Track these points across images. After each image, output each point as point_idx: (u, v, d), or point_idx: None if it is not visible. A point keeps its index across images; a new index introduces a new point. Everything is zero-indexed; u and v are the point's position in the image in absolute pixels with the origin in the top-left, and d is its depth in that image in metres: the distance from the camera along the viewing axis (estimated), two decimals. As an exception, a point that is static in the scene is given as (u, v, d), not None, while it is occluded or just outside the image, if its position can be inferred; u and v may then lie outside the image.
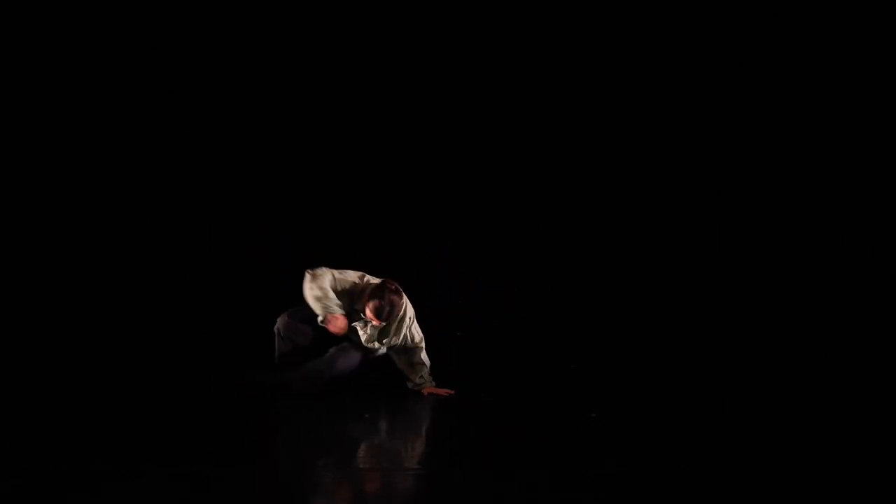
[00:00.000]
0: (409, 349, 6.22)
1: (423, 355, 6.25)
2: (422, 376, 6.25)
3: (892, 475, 4.38)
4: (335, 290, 6.16)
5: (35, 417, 5.43)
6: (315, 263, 6.23)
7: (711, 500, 4.07)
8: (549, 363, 7.13)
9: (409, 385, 6.28)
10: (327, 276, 6.18)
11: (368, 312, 5.98)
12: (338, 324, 6.08)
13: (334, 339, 6.18)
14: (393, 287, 6.03)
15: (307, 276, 6.19)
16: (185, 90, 8.25)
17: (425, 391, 6.18)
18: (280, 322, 6.30)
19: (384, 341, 6.15)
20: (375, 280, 6.14)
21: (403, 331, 6.15)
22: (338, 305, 6.11)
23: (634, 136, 8.49)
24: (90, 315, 8.10)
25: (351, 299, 6.15)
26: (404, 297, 6.10)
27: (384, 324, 6.03)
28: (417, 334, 6.23)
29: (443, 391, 6.17)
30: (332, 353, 6.18)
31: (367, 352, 6.17)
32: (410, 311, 6.19)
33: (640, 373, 6.75)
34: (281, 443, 5.24)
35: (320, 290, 6.12)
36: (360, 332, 6.09)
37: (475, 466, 4.57)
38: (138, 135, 8.31)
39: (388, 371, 6.40)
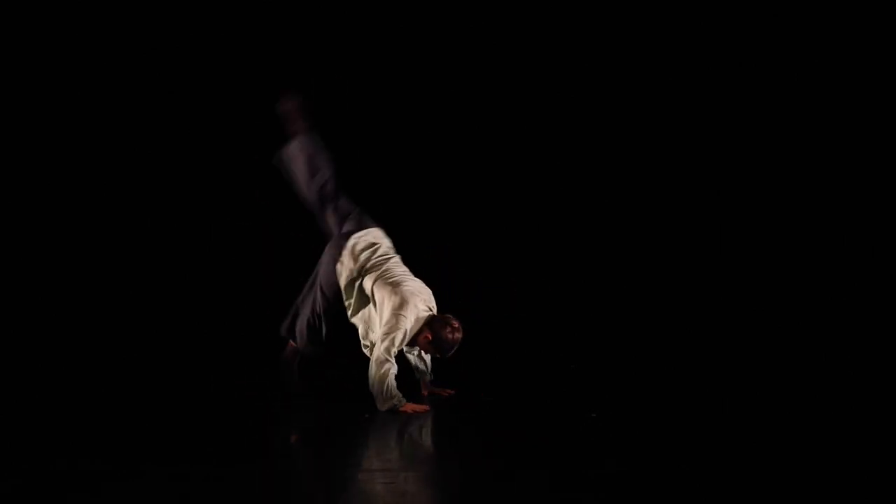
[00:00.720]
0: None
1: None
2: (422, 369, 6.18)
3: (892, 475, 4.37)
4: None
5: (35, 417, 5.43)
6: (314, 263, 6.17)
7: (711, 500, 4.07)
8: (549, 363, 7.13)
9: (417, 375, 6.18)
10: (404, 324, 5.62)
11: (428, 346, 5.80)
12: (418, 409, 5.70)
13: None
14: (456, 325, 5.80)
15: (379, 356, 5.58)
16: (184, 90, 8.26)
17: (425, 391, 6.16)
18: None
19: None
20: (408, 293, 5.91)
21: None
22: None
23: (634, 136, 8.50)
24: (90, 315, 8.11)
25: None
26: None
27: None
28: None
29: (443, 391, 6.16)
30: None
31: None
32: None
33: (640, 373, 6.75)
34: (281, 443, 5.24)
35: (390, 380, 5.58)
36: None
37: (475, 466, 4.57)
38: (138, 135, 8.32)
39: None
